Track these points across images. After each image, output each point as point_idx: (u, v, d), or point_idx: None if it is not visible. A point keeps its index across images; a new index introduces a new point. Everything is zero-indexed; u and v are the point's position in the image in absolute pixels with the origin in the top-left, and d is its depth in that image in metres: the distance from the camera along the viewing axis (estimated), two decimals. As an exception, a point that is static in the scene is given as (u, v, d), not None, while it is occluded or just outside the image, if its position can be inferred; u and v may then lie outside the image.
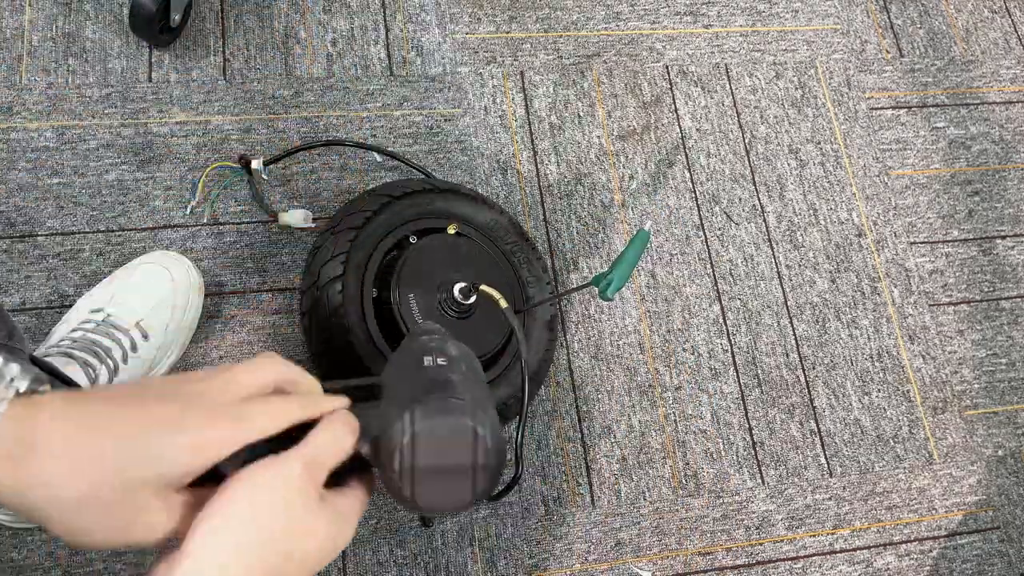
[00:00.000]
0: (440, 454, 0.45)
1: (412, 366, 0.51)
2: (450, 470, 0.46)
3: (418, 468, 0.45)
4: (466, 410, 0.46)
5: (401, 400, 0.47)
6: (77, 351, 0.80)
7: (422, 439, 0.45)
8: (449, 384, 0.48)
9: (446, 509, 0.47)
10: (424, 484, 0.45)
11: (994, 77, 1.32)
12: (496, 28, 1.18)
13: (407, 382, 0.49)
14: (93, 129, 1.01)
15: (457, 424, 0.46)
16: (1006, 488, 1.10)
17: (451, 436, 0.46)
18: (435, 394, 0.47)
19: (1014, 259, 1.22)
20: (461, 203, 0.99)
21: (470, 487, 0.47)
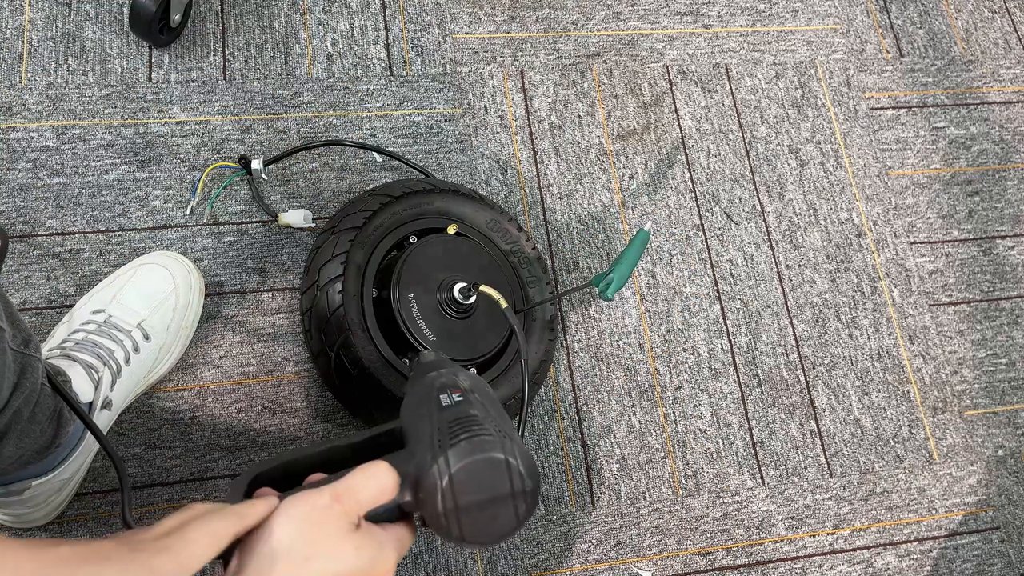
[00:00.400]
0: (479, 490, 0.48)
1: (431, 407, 0.53)
2: (491, 503, 0.48)
3: (461, 508, 0.47)
4: (495, 444, 0.49)
5: (431, 444, 0.49)
6: (79, 353, 0.80)
7: (459, 480, 0.47)
8: (472, 420, 0.50)
9: (496, 539, 0.49)
10: (469, 521, 0.48)
11: (994, 77, 1.32)
12: (496, 28, 1.18)
13: (430, 424, 0.51)
14: (93, 129, 1.01)
15: (490, 459, 0.48)
16: (1006, 488, 1.10)
17: (486, 472, 0.48)
18: (462, 434, 0.49)
19: (1014, 259, 1.22)
20: (461, 203, 0.99)
21: (513, 514, 0.49)
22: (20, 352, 0.62)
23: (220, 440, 0.92)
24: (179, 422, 0.92)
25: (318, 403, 0.96)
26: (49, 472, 0.77)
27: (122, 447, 0.90)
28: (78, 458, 0.80)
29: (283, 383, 0.96)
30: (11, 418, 0.63)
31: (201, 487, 0.91)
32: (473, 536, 0.48)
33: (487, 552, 0.95)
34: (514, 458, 0.49)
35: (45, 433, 0.71)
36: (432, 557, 0.93)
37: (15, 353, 0.61)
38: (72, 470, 0.80)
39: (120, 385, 0.82)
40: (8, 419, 0.62)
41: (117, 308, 0.86)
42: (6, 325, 0.59)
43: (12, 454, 0.68)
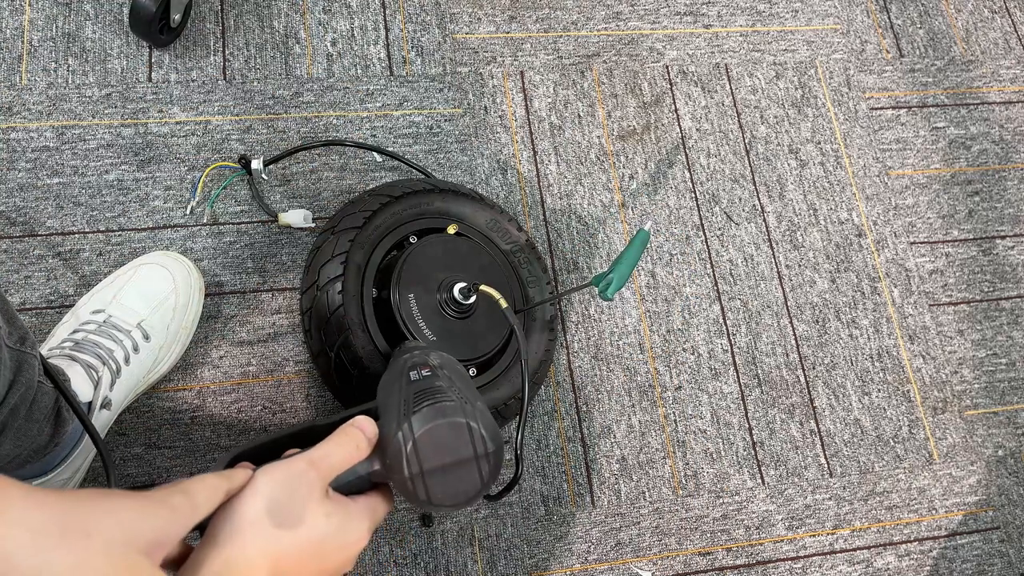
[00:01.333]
0: (443, 453, 0.50)
1: (400, 382, 0.55)
2: (456, 465, 0.50)
3: (427, 471, 0.49)
4: (456, 409, 0.51)
5: (396, 414, 0.51)
6: (79, 353, 0.80)
7: (423, 444, 0.49)
8: (437, 390, 0.53)
9: (463, 501, 0.51)
10: (436, 483, 0.49)
11: (994, 77, 1.32)
12: (496, 28, 1.18)
13: (398, 397, 0.53)
14: (93, 129, 1.01)
15: (452, 423, 0.50)
16: (1006, 488, 1.10)
17: (449, 435, 0.50)
18: (425, 402, 0.51)
19: (1014, 259, 1.22)
20: (461, 203, 0.99)
21: (478, 476, 0.51)
22: (16, 349, 0.62)
23: (220, 440, 0.92)
24: (179, 422, 0.92)
25: (318, 403, 0.96)
26: (49, 472, 0.77)
27: (122, 447, 0.90)
28: (77, 458, 0.80)
29: (283, 383, 0.96)
30: (7, 415, 0.63)
31: (201, 487, 0.90)
32: (440, 499, 0.50)
33: (487, 552, 0.95)
34: (475, 422, 0.50)
35: (43, 432, 0.71)
36: (432, 557, 0.93)
37: (11, 350, 0.61)
38: (72, 470, 0.80)
39: (120, 385, 0.82)
40: (4, 416, 0.62)
41: (117, 308, 0.86)
42: (2, 322, 0.59)
43: (9, 452, 0.68)
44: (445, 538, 0.94)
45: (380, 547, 0.92)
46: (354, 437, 0.50)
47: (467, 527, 0.95)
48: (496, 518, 0.96)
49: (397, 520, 0.93)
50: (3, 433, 0.65)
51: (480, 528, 0.95)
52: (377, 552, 0.92)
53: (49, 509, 0.36)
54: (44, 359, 0.67)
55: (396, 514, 0.93)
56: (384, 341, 0.89)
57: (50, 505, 0.36)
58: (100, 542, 0.36)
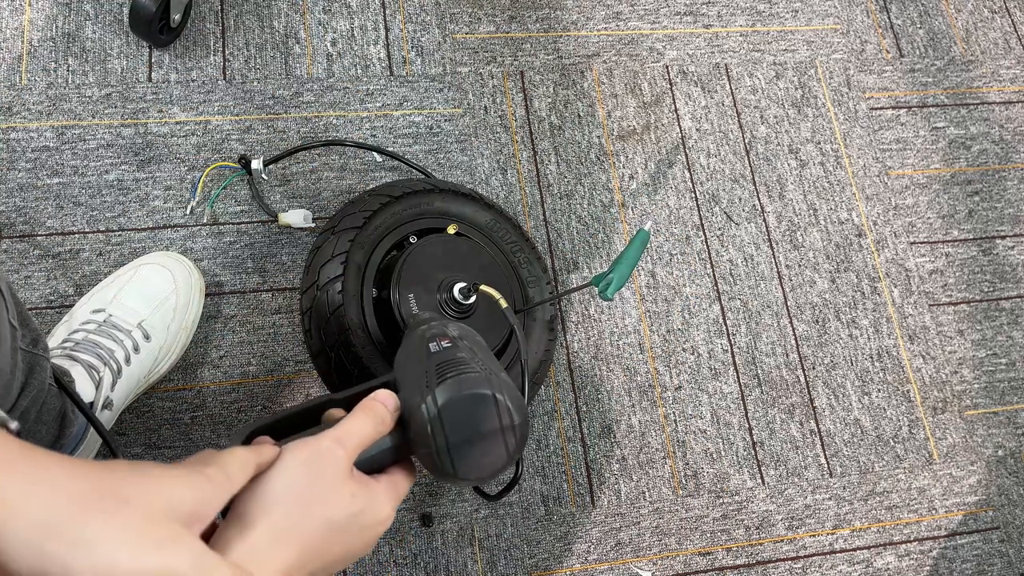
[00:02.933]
0: (468, 425, 0.48)
1: (420, 354, 0.54)
2: (481, 437, 0.49)
3: (452, 443, 0.48)
4: (481, 380, 0.49)
5: (420, 386, 0.50)
6: (80, 353, 0.80)
7: (448, 416, 0.48)
8: (459, 361, 0.51)
9: (488, 474, 0.50)
10: (461, 456, 0.48)
11: (994, 77, 1.32)
12: (496, 28, 1.18)
13: (419, 369, 0.52)
14: (93, 129, 1.01)
15: (477, 395, 0.49)
16: (1006, 488, 1.10)
17: (474, 406, 0.49)
18: (449, 373, 0.49)
19: (1014, 259, 1.22)
20: (461, 203, 0.99)
21: (503, 447, 0.50)
22: (29, 352, 0.62)
23: (220, 440, 0.92)
24: (179, 422, 0.92)
25: (318, 403, 0.96)
26: None
27: (122, 447, 0.90)
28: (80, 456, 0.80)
29: (283, 383, 0.96)
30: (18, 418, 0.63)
31: (201, 487, 0.91)
32: (466, 472, 0.49)
33: (487, 552, 0.95)
34: (501, 393, 0.49)
35: (50, 434, 0.72)
36: (432, 557, 0.93)
37: (24, 353, 0.61)
38: None
39: (121, 385, 0.82)
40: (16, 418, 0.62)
41: (117, 308, 0.86)
42: (16, 324, 0.59)
43: None
44: (445, 538, 0.94)
45: (380, 547, 0.92)
46: (378, 412, 0.48)
47: (467, 527, 0.95)
48: (496, 518, 0.96)
49: (397, 520, 0.93)
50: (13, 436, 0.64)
51: (480, 528, 0.95)
52: (377, 552, 0.92)
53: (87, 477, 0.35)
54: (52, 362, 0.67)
55: (396, 514, 0.93)
56: (384, 341, 0.89)
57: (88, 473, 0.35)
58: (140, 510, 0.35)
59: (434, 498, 0.95)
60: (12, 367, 0.58)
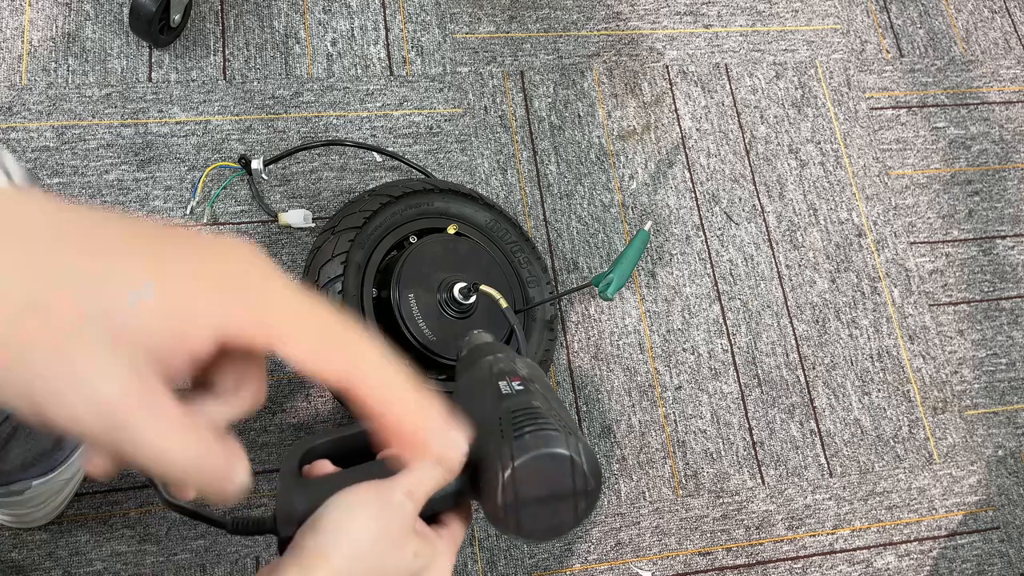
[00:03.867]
0: (541, 486, 0.47)
1: (491, 393, 0.52)
2: (552, 499, 0.47)
3: (521, 502, 0.47)
4: (561, 440, 0.48)
5: (494, 434, 0.48)
6: None
7: (522, 474, 0.46)
8: (536, 412, 0.49)
9: (552, 536, 0.49)
10: (527, 516, 0.47)
11: (994, 77, 1.32)
12: (496, 28, 1.18)
13: (492, 412, 0.50)
14: (93, 129, 1.01)
15: (555, 455, 0.47)
16: (1006, 488, 1.10)
17: (551, 467, 0.47)
18: (527, 426, 0.48)
19: (1014, 259, 1.22)
20: (461, 203, 0.99)
21: (573, 512, 0.48)
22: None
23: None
24: (179, 422, 0.92)
25: (318, 403, 0.96)
26: (50, 472, 0.77)
27: (122, 447, 0.90)
28: (79, 459, 0.80)
29: (283, 383, 0.96)
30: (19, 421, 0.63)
31: (201, 487, 0.90)
32: (530, 531, 0.47)
33: (487, 552, 0.95)
34: (579, 455, 0.48)
35: (49, 437, 0.72)
36: (432, 557, 0.93)
37: None
38: (72, 470, 0.80)
39: None
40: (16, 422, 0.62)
41: None
42: None
43: (18, 456, 0.68)
44: (445, 538, 0.94)
45: (380, 547, 0.92)
46: (451, 464, 0.46)
47: (467, 527, 0.95)
48: (496, 518, 0.96)
49: (397, 520, 0.93)
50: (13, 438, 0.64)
51: (480, 528, 0.95)
52: (377, 552, 0.92)
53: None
54: None
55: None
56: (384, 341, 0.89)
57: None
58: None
59: (434, 498, 0.96)
60: None
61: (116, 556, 0.87)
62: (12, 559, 0.85)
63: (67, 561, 0.86)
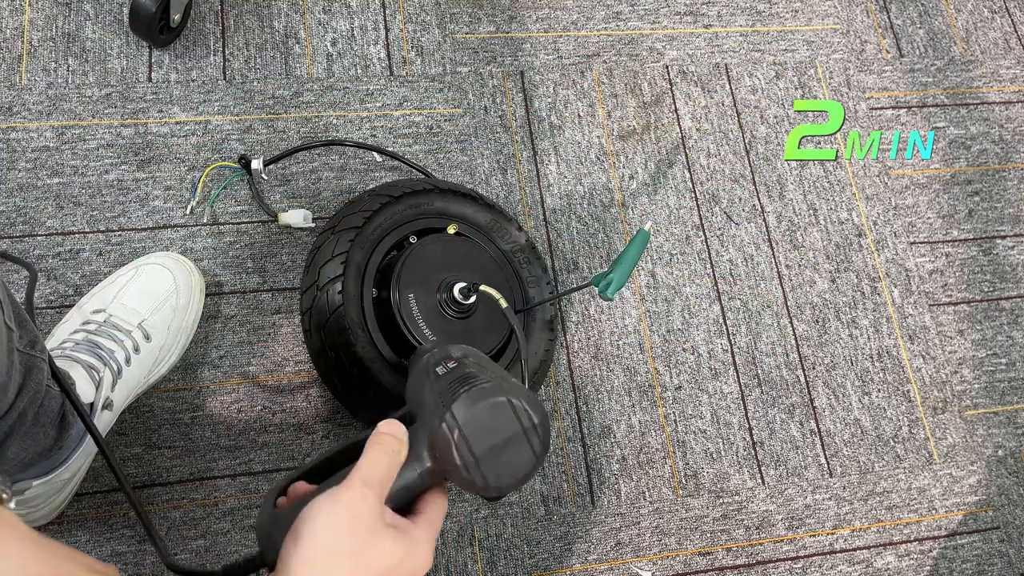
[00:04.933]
0: (491, 435, 0.49)
1: (429, 380, 0.55)
2: (506, 444, 0.50)
3: (479, 456, 0.49)
4: (493, 389, 0.50)
5: (435, 408, 0.51)
6: (80, 354, 0.80)
7: (469, 430, 0.49)
8: (468, 376, 0.52)
9: (521, 478, 0.51)
10: (490, 467, 0.49)
11: (994, 77, 1.32)
12: (496, 28, 1.18)
13: (432, 394, 0.53)
14: (93, 129, 1.01)
15: (492, 403, 0.50)
16: (1006, 488, 1.10)
17: (492, 416, 0.50)
18: (461, 389, 0.50)
19: (1014, 259, 1.22)
20: (461, 203, 0.99)
21: (530, 450, 0.51)
22: (26, 353, 0.62)
23: (220, 440, 0.92)
24: (179, 422, 0.92)
25: (318, 403, 0.96)
26: (50, 472, 0.77)
27: (122, 447, 0.90)
28: (78, 459, 0.80)
29: (283, 383, 0.96)
30: (16, 420, 0.63)
31: (201, 487, 0.91)
32: (498, 481, 0.50)
33: (487, 552, 0.95)
34: (515, 397, 0.50)
35: (48, 436, 0.71)
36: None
37: (21, 354, 0.61)
38: (73, 470, 0.80)
39: (121, 386, 0.82)
40: (13, 421, 0.62)
41: (118, 308, 0.86)
42: (13, 326, 0.59)
43: (16, 455, 0.68)
44: (445, 538, 0.94)
45: (380, 547, 0.92)
46: (388, 443, 0.49)
47: (467, 527, 0.95)
48: (496, 518, 0.96)
49: (397, 520, 0.93)
50: (10, 437, 0.64)
51: (480, 528, 0.95)
52: (377, 552, 0.92)
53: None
54: (52, 362, 0.67)
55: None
56: (384, 341, 0.89)
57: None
58: None
59: (434, 498, 0.95)
60: (8, 368, 0.58)
61: (116, 556, 0.87)
62: (12, 559, 0.85)
63: (67, 561, 0.86)
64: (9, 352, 0.57)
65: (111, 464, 0.65)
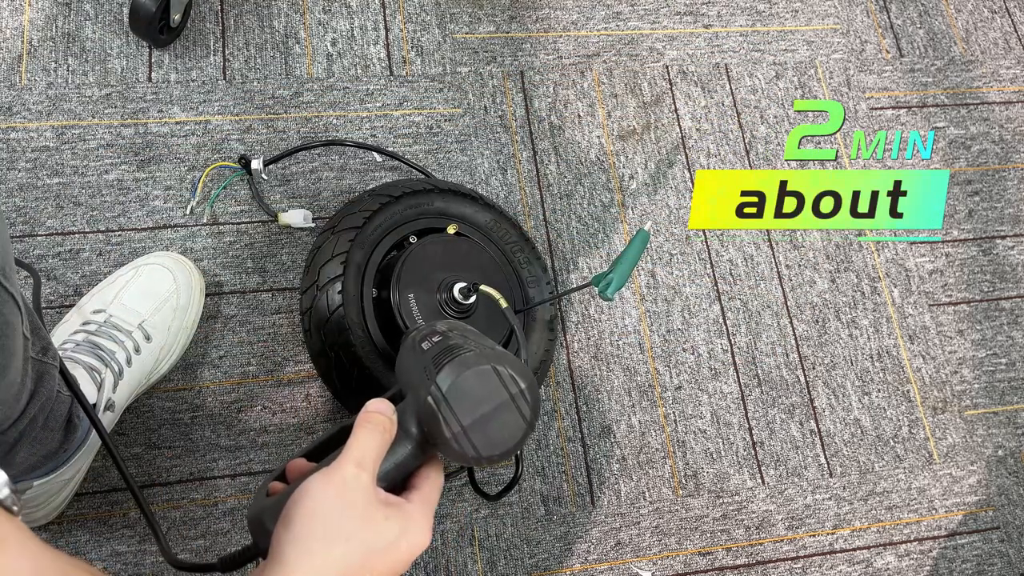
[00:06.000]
0: (477, 404, 0.48)
1: (416, 356, 0.54)
2: (494, 412, 0.49)
3: (467, 426, 0.48)
4: (478, 357, 0.49)
5: (421, 382, 0.50)
6: (81, 355, 0.80)
7: (455, 400, 0.48)
8: (452, 348, 0.51)
9: (512, 446, 0.50)
10: (480, 436, 0.48)
11: (994, 77, 1.32)
12: (496, 28, 1.18)
13: (418, 369, 0.52)
14: (93, 129, 1.01)
15: (477, 371, 0.49)
16: (1006, 488, 1.10)
17: (477, 383, 0.49)
18: (445, 360, 0.50)
19: (1014, 259, 1.22)
20: (461, 203, 0.99)
21: (518, 415, 0.49)
22: (39, 360, 0.62)
23: (220, 440, 0.92)
24: (179, 422, 0.92)
25: (318, 403, 0.96)
26: (52, 472, 0.77)
27: (122, 447, 0.90)
28: (80, 459, 0.80)
29: (283, 383, 0.96)
30: (27, 425, 0.63)
31: (201, 487, 0.91)
32: (490, 450, 0.49)
33: (487, 552, 0.95)
34: (500, 364, 0.49)
35: (56, 440, 0.72)
36: (432, 557, 0.93)
37: (34, 361, 0.61)
38: (73, 470, 0.80)
39: (122, 386, 0.82)
40: (24, 427, 0.63)
41: (118, 308, 0.86)
42: (27, 333, 0.59)
43: (25, 460, 0.69)
44: (445, 538, 0.94)
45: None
46: (377, 421, 0.48)
47: (467, 527, 0.95)
48: (496, 518, 0.96)
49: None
50: (20, 443, 0.65)
51: (480, 528, 0.95)
52: (377, 552, 0.92)
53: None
54: (64, 366, 0.67)
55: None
56: (384, 341, 0.89)
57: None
58: None
59: (434, 498, 0.95)
60: (24, 376, 0.58)
61: (116, 556, 0.87)
62: (12, 559, 0.85)
63: (67, 561, 0.86)
64: (24, 361, 0.57)
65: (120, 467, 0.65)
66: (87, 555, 0.86)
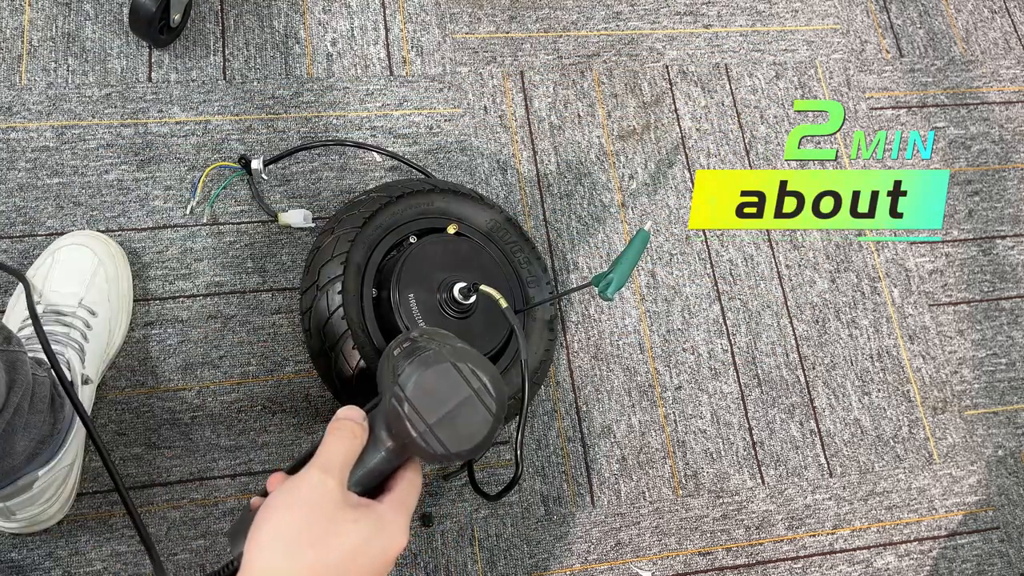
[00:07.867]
0: (441, 401, 0.48)
1: (388, 362, 0.54)
2: (458, 408, 0.49)
3: (432, 424, 0.48)
4: (437, 355, 0.50)
5: (388, 386, 0.50)
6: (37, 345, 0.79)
7: (417, 399, 0.48)
8: (416, 350, 0.51)
9: (481, 441, 0.50)
10: (447, 434, 0.48)
11: (994, 77, 1.32)
12: (496, 28, 1.18)
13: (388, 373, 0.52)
14: (93, 129, 1.01)
15: (437, 369, 0.49)
16: (1006, 488, 1.10)
17: (439, 381, 0.49)
18: (406, 362, 0.50)
19: (1014, 259, 1.22)
20: (461, 203, 0.99)
21: (484, 409, 0.49)
22: (4, 350, 0.63)
23: (220, 440, 0.92)
24: (179, 422, 0.92)
25: (318, 403, 0.96)
26: (53, 459, 0.77)
27: (122, 447, 0.90)
28: (74, 441, 0.81)
29: (283, 383, 0.96)
30: (14, 414, 0.64)
31: (201, 487, 0.91)
32: (458, 446, 0.49)
33: (487, 552, 0.95)
34: (460, 361, 0.49)
35: (47, 421, 0.73)
36: (432, 557, 0.93)
37: (2, 352, 0.62)
38: (72, 454, 0.81)
39: (89, 360, 0.83)
40: (10, 416, 0.63)
41: (52, 295, 0.86)
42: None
43: (25, 447, 0.70)
44: (445, 538, 0.94)
45: (380, 547, 0.92)
46: (345, 427, 0.49)
47: (467, 527, 0.95)
48: (496, 518, 0.96)
49: (397, 520, 0.93)
50: (15, 433, 0.66)
51: (480, 528, 0.95)
52: (377, 552, 0.92)
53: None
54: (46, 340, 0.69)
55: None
56: (384, 341, 0.89)
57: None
58: None
59: (434, 498, 0.95)
60: None
61: (116, 556, 0.87)
62: (12, 559, 0.85)
63: (67, 561, 0.86)
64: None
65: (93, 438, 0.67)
66: (87, 555, 0.86)
